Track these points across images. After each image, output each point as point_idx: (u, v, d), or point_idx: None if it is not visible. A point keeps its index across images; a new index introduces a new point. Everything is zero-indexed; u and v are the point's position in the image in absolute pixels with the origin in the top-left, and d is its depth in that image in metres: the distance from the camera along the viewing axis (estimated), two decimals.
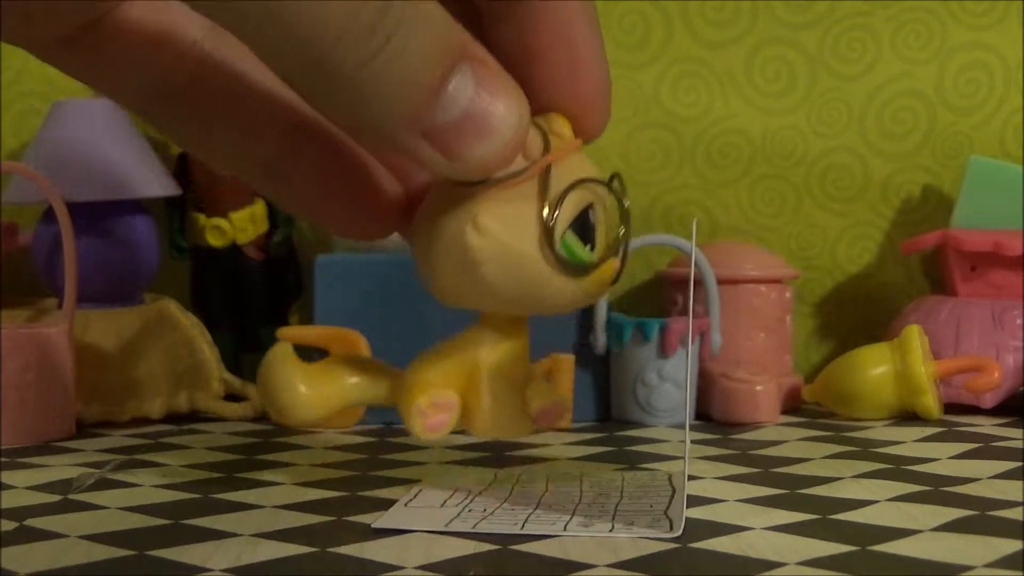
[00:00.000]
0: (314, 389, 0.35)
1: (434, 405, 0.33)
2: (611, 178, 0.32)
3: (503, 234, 0.29)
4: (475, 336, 0.34)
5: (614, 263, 0.32)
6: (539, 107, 0.30)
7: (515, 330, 0.34)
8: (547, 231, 0.29)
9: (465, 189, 0.30)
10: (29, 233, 0.57)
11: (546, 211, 0.29)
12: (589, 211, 0.30)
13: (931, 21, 0.65)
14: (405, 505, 0.34)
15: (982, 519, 0.32)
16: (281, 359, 0.35)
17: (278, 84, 0.31)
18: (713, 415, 0.52)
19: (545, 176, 0.30)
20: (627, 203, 0.32)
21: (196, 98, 0.30)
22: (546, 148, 0.30)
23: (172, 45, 0.29)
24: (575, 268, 0.30)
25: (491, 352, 0.33)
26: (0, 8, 0.24)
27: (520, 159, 0.29)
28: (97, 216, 0.55)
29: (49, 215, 0.55)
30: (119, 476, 0.40)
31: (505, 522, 0.31)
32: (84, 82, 0.29)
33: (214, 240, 0.59)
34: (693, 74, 0.65)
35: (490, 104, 0.26)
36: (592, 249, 0.31)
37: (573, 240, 0.30)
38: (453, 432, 0.34)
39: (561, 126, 0.31)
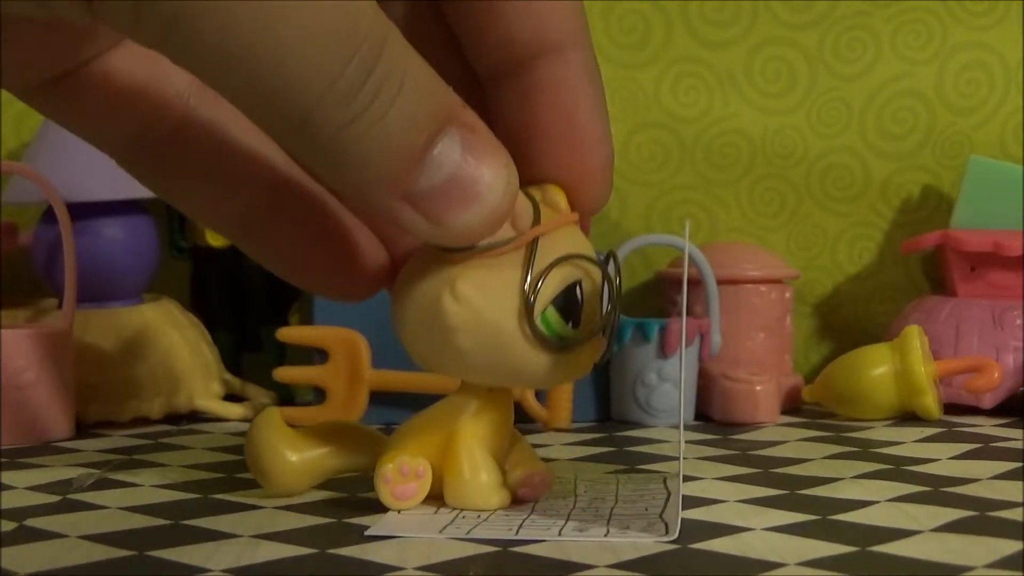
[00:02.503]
0: (302, 456, 0.35)
1: (401, 473, 0.33)
2: (607, 257, 0.31)
3: (480, 302, 0.29)
4: (456, 404, 0.33)
5: (599, 343, 0.31)
6: (538, 178, 0.30)
7: (497, 399, 0.33)
8: (527, 305, 0.29)
9: (448, 255, 0.29)
10: (29, 233, 0.57)
11: (527, 284, 0.29)
12: (576, 288, 0.30)
13: (931, 21, 0.65)
14: (398, 511, 0.34)
15: (982, 519, 0.32)
16: (268, 426, 0.35)
17: (261, 140, 0.30)
18: (713, 415, 0.52)
19: (531, 248, 0.29)
20: (618, 283, 0.30)
21: (177, 150, 0.29)
22: (536, 219, 0.29)
23: (155, 96, 0.28)
24: (553, 345, 0.29)
25: (471, 421, 0.33)
26: None
27: (508, 228, 0.29)
28: (97, 216, 0.55)
29: (49, 215, 0.55)
30: (119, 476, 0.40)
31: (500, 528, 0.31)
32: (63, 126, 0.29)
33: (214, 240, 0.59)
34: (693, 74, 0.65)
35: (476, 170, 0.26)
36: (575, 327, 0.30)
37: (554, 316, 0.29)
38: (429, 500, 0.33)
39: (557, 198, 0.30)
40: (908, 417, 0.52)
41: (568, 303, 0.30)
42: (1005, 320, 0.55)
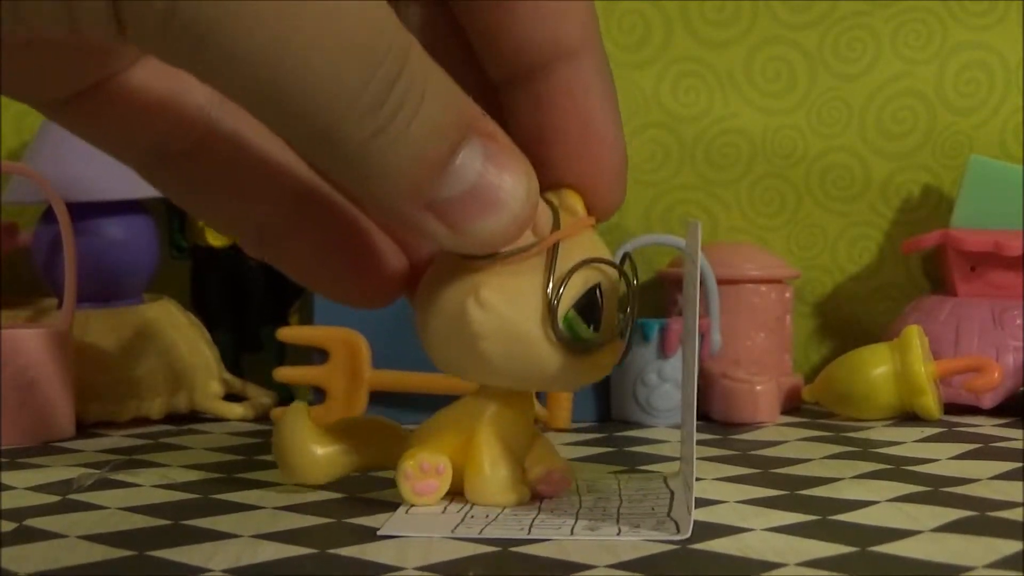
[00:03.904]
0: (328, 451, 0.35)
1: (422, 470, 0.33)
2: (622, 259, 0.31)
3: (505, 309, 0.29)
4: (475, 405, 0.33)
5: (618, 345, 0.31)
6: (553, 183, 0.30)
7: (516, 399, 0.33)
8: (550, 308, 0.29)
9: (470, 262, 0.29)
10: (29, 233, 0.57)
11: (550, 288, 0.29)
12: (596, 291, 0.30)
13: (931, 21, 0.65)
14: (407, 512, 0.34)
15: (982, 519, 0.32)
16: (295, 421, 0.35)
17: (281, 151, 0.30)
18: (713, 415, 0.52)
19: (552, 253, 0.29)
20: (635, 284, 0.31)
21: (198, 162, 0.29)
22: (556, 224, 0.29)
23: (177, 110, 0.28)
24: (577, 347, 0.30)
25: (492, 419, 0.33)
26: (1, 70, 0.24)
27: (529, 234, 0.29)
28: (97, 216, 0.55)
29: (49, 215, 0.55)
30: (119, 476, 0.40)
31: (511, 527, 0.31)
32: (85, 139, 0.29)
33: (214, 240, 0.59)
34: (693, 74, 0.65)
35: (498, 178, 0.26)
36: (596, 329, 0.30)
37: (576, 319, 0.30)
38: (452, 495, 0.34)
39: (573, 202, 0.30)
40: (908, 417, 0.52)
41: (589, 306, 0.30)
42: (1005, 320, 0.55)
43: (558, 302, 0.29)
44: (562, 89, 0.29)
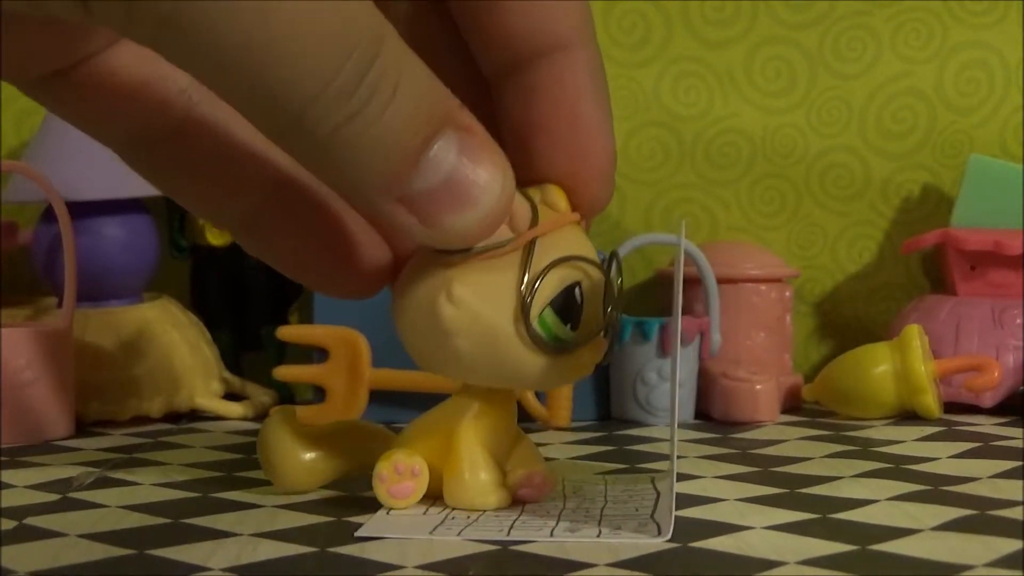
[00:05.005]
0: (315, 455, 0.35)
1: (396, 471, 0.33)
2: (609, 258, 0.30)
3: (477, 305, 0.29)
4: (457, 405, 0.33)
5: (599, 345, 0.31)
6: (539, 178, 0.30)
7: (499, 400, 0.33)
8: (523, 306, 0.29)
9: (446, 257, 0.29)
10: (29, 232, 0.57)
11: (524, 285, 0.29)
12: (575, 289, 0.30)
13: (931, 21, 0.65)
14: (387, 513, 0.33)
15: (982, 519, 0.32)
16: (281, 426, 0.35)
17: (264, 139, 0.30)
18: (713, 415, 0.52)
19: (529, 250, 0.29)
20: (619, 282, 0.30)
21: (179, 147, 0.29)
22: (534, 221, 0.29)
23: (158, 92, 0.28)
24: (550, 347, 0.29)
25: (472, 422, 0.33)
26: None
27: (506, 230, 0.28)
28: (97, 215, 0.55)
29: (49, 214, 0.55)
30: (119, 475, 0.40)
31: (490, 528, 0.31)
32: (67, 120, 0.28)
33: (214, 239, 0.59)
34: (693, 74, 0.65)
35: (472, 172, 0.26)
36: (573, 329, 0.30)
37: (551, 318, 0.29)
38: (423, 499, 0.33)
39: (556, 198, 0.30)
40: (908, 416, 0.52)
41: (567, 305, 0.30)
42: (1005, 319, 0.55)
43: (531, 300, 0.29)
44: (552, 81, 0.29)
